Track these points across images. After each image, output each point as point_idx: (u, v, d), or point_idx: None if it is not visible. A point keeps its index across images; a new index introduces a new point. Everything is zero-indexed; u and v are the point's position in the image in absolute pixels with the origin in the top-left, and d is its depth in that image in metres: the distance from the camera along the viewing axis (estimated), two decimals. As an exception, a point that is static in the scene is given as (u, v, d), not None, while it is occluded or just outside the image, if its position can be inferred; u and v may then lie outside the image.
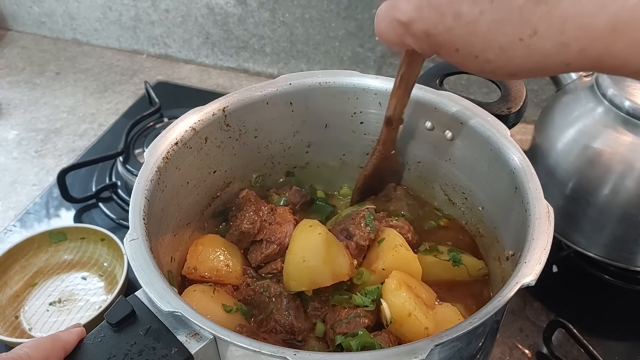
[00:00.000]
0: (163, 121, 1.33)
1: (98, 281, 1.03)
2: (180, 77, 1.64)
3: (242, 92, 0.85)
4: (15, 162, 1.35)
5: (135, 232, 0.65)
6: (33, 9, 1.77)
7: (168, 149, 0.76)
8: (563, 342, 0.92)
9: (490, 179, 0.79)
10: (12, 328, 0.95)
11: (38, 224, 1.18)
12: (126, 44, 1.73)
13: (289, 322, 0.74)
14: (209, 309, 0.73)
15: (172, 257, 0.78)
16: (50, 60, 1.72)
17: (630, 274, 1.00)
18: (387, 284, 0.72)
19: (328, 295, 0.76)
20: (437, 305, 0.75)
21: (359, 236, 0.79)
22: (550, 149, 0.98)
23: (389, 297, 0.71)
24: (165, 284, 0.59)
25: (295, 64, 1.56)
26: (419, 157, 0.90)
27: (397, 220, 0.85)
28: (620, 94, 0.91)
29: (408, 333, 0.69)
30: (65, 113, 1.51)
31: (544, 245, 0.62)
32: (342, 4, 1.39)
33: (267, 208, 0.85)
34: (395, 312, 0.70)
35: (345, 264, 0.75)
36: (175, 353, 0.57)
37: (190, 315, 0.56)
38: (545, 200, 0.68)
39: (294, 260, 0.74)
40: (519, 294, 0.59)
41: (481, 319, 0.56)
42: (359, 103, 0.88)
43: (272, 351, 0.53)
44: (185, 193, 0.81)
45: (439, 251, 0.84)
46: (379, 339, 0.69)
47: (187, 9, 1.57)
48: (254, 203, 0.85)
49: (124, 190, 1.23)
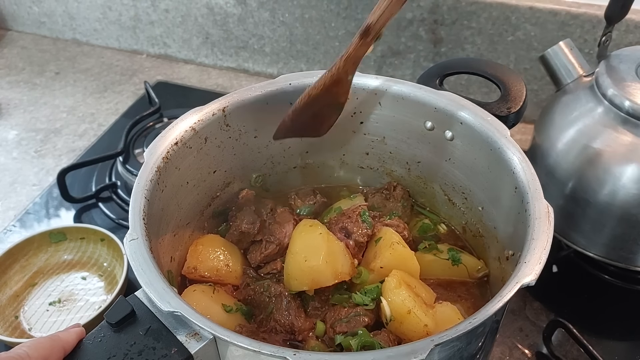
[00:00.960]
0: (163, 121, 1.33)
1: (98, 281, 1.03)
2: (180, 77, 1.64)
3: (242, 92, 0.85)
4: (15, 162, 1.35)
5: (135, 232, 0.65)
6: (33, 9, 1.77)
7: (168, 149, 0.76)
8: (563, 342, 0.92)
9: (490, 179, 0.79)
10: (12, 328, 0.95)
11: (38, 224, 1.18)
12: (126, 44, 1.73)
13: (289, 321, 0.74)
14: (209, 309, 0.73)
15: (172, 257, 0.78)
16: (49, 60, 1.72)
17: (630, 274, 1.00)
18: (387, 283, 0.72)
19: (328, 295, 0.77)
20: (437, 304, 0.75)
21: (357, 233, 0.79)
22: (550, 149, 0.98)
23: (388, 295, 0.71)
24: (165, 284, 0.60)
25: (295, 64, 1.56)
26: (419, 157, 0.90)
27: (392, 219, 0.85)
28: (620, 94, 0.91)
29: (408, 331, 0.70)
30: (65, 113, 1.51)
31: (543, 245, 0.63)
32: (342, 4, 1.39)
33: (267, 208, 0.85)
34: (395, 309, 0.70)
35: (346, 263, 0.75)
36: (175, 353, 0.57)
37: (190, 315, 0.56)
38: (545, 200, 0.68)
39: (295, 260, 0.74)
40: (519, 294, 0.59)
41: (481, 319, 0.56)
42: (359, 103, 0.88)
43: (272, 351, 0.53)
44: (185, 193, 0.81)
45: (439, 250, 0.84)
46: (378, 339, 0.69)
47: (187, 9, 1.57)
48: (254, 203, 0.85)
49: (123, 190, 1.23)
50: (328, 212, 0.90)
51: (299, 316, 0.75)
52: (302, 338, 0.75)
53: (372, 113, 0.89)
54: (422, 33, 1.36)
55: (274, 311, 0.75)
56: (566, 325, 0.89)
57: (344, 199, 0.93)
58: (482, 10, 1.28)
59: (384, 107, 0.87)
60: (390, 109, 0.87)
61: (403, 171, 0.94)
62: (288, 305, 0.75)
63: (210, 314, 0.73)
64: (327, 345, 0.73)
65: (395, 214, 0.89)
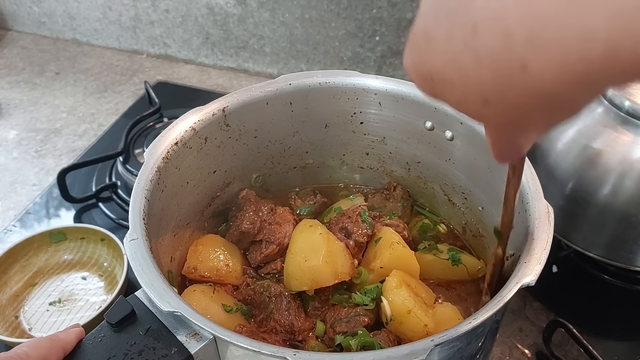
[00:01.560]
0: (163, 121, 1.33)
1: (98, 281, 1.03)
2: (180, 77, 1.64)
3: (242, 92, 0.85)
4: (15, 162, 1.35)
5: (135, 232, 0.65)
6: (33, 9, 1.77)
7: (168, 149, 0.76)
8: (563, 342, 0.92)
9: (490, 179, 0.79)
10: (12, 328, 0.95)
11: (38, 224, 1.18)
12: (126, 44, 1.73)
13: (289, 321, 0.74)
14: (209, 309, 0.74)
15: (172, 257, 0.78)
16: (50, 60, 1.72)
17: (630, 274, 1.00)
18: (388, 282, 0.72)
19: (328, 295, 0.77)
20: (437, 304, 0.75)
21: (357, 233, 0.79)
22: (550, 149, 0.98)
23: (389, 294, 0.71)
24: (165, 284, 0.60)
25: (295, 64, 1.56)
26: (419, 157, 0.90)
27: (391, 219, 0.85)
28: (620, 94, 0.91)
29: (407, 331, 0.70)
30: (65, 113, 1.51)
31: (543, 245, 0.63)
32: (342, 4, 1.39)
33: (267, 208, 0.85)
34: (395, 309, 0.70)
35: (346, 263, 0.75)
36: (175, 353, 0.57)
37: (190, 315, 0.56)
38: (545, 200, 0.68)
39: (295, 260, 0.74)
40: (519, 294, 0.59)
41: (481, 319, 0.56)
42: (359, 103, 0.88)
43: (271, 351, 0.53)
44: (185, 193, 0.81)
45: (439, 250, 0.84)
46: (378, 339, 0.69)
47: (187, 9, 1.57)
48: (254, 203, 0.85)
49: (123, 190, 1.23)
50: (328, 212, 0.90)
51: (299, 316, 0.75)
52: (302, 338, 0.75)
53: (372, 113, 0.89)
54: (422, 33, 1.36)
55: (274, 311, 0.75)
56: (566, 325, 0.89)
57: (343, 199, 0.93)
58: (482, 10, 1.28)
59: (384, 107, 0.87)
60: (390, 109, 0.87)
61: (403, 171, 0.94)
62: (288, 305, 0.75)
63: (210, 313, 0.73)
64: (327, 346, 0.73)
65: (395, 214, 0.89)
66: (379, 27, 1.39)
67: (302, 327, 0.74)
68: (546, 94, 0.34)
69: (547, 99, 0.34)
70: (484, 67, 0.35)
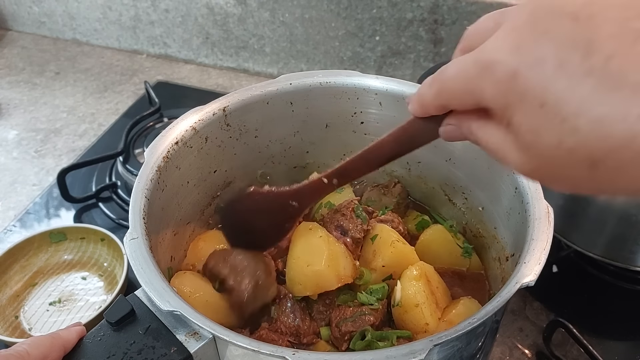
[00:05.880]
0: (163, 121, 1.33)
1: (98, 281, 1.03)
2: (180, 77, 1.64)
3: (242, 91, 0.85)
4: (15, 162, 1.35)
5: (135, 232, 0.65)
6: (33, 9, 1.77)
7: (168, 149, 0.76)
8: (563, 342, 0.92)
9: (490, 179, 0.79)
10: (12, 328, 0.95)
11: (38, 224, 1.18)
12: (126, 44, 1.73)
13: (295, 324, 0.73)
14: (200, 287, 0.73)
15: (172, 256, 0.78)
16: (50, 60, 1.72)
17: (630, 273, 1.00)
18: (410, 270, 0.73)
19: (332, 298, 0.76)
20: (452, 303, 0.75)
21: (353, 230, 0.78)
22: (550, 149, 0.98)
23: (405, 282, 0.72)
24: (165, 283, 0.60)
25: (295, 64, 1.56)
26: (419, 157, 0.90)
27: (385, 215, 0.85)
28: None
29: (409, 322, 0.70)
30: (65, 113, 1.51)
31: (543, 245, 0.63)
32: (342, 4, 1.39)
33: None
34: (405, 297, 0.71)
35: (348, 265, 0.75)
36: (175, 352, 0.57)
37: (190, 315, 0.56)
38: (545, 201, 0.68)
39: (297, 264, 0.73)
40: (519, 294, 0.59)
41: (481, 319, 0.56)
42: (359, 103, 0.88)
43: (271, 351, 0.53)
44: (186, 192, 0.81)
45: (457, 236, 0.85)
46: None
47: (187, 9, 1.57)
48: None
49: (123, 190, 1.23)
50: (318, 207, 0.89)
51: (304, 319, 0.75)
52: (307, 341, 0.74)
53: (372, 113, 0.89)
54: (422, 33, 1.36)
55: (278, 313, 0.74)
56: (566, 325, 0.89)
57: (332, 193, 0.91)
58: (482, 10, 1.28)
59: (384, 107, 0.87)
60: (391, 109, 0.87)
61: (403, 171, 0.94)
62: (293, 308, 0.74)
63: (202, 291, 0.72)
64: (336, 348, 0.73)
65: (388, 209, 0.88)
66: (379, 27, 1.40)
67: (307, 330, 0.74)
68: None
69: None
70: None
